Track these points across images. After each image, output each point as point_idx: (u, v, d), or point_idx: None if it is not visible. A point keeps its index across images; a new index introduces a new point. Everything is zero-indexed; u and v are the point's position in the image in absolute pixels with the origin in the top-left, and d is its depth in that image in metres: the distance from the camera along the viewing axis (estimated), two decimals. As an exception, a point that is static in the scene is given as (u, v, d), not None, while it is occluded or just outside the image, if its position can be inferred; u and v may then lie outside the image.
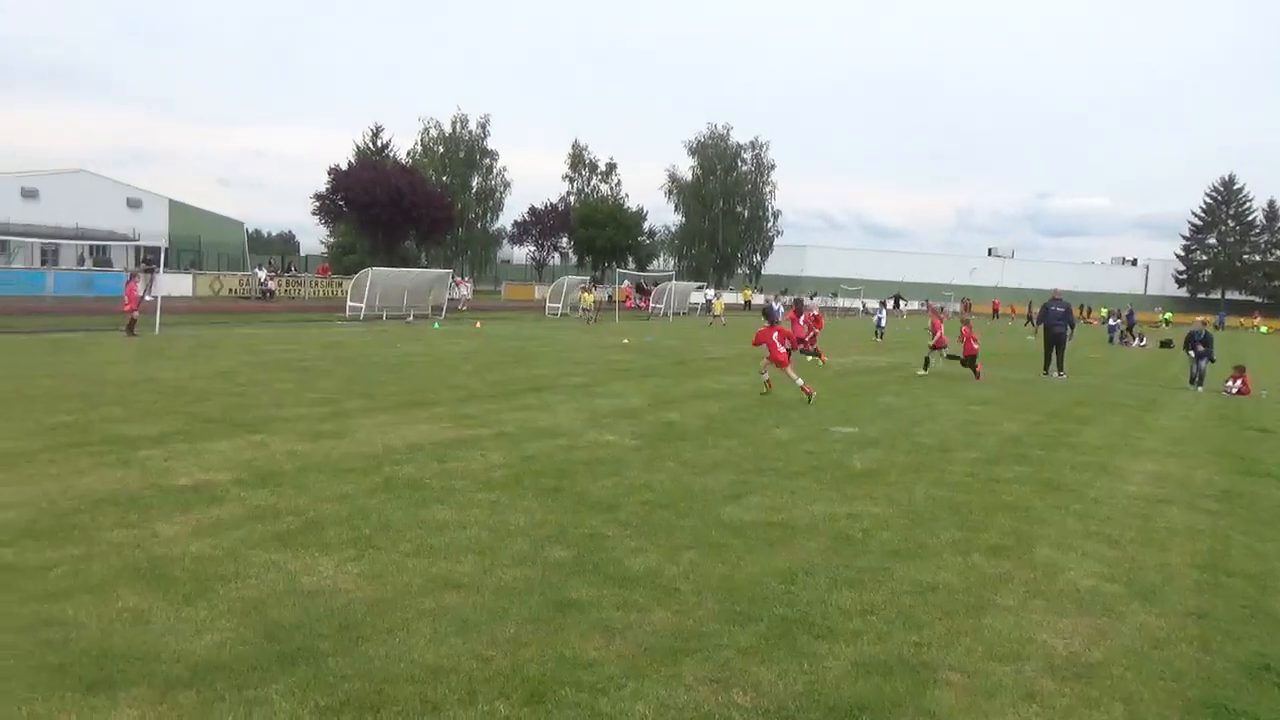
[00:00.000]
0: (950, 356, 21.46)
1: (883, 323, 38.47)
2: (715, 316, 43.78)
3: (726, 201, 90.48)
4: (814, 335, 23.86)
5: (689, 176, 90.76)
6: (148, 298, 24.43)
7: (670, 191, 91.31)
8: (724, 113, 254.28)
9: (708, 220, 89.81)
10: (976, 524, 7.58)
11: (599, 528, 6.89)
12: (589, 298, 42.52)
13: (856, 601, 5.57)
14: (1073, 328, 22.70)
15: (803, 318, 23.70)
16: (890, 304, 63.61)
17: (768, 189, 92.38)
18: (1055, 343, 22.43)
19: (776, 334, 15.30)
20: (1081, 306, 62.50)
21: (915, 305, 59.18)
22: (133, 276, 24.37)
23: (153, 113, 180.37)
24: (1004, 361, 26.57)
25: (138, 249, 46.62)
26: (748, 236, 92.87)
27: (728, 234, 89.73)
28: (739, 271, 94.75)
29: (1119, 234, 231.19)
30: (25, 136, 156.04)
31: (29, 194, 60.70)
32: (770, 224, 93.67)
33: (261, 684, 4.12)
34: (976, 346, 20.72)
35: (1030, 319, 59.18)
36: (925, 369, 21.00)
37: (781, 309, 26.83)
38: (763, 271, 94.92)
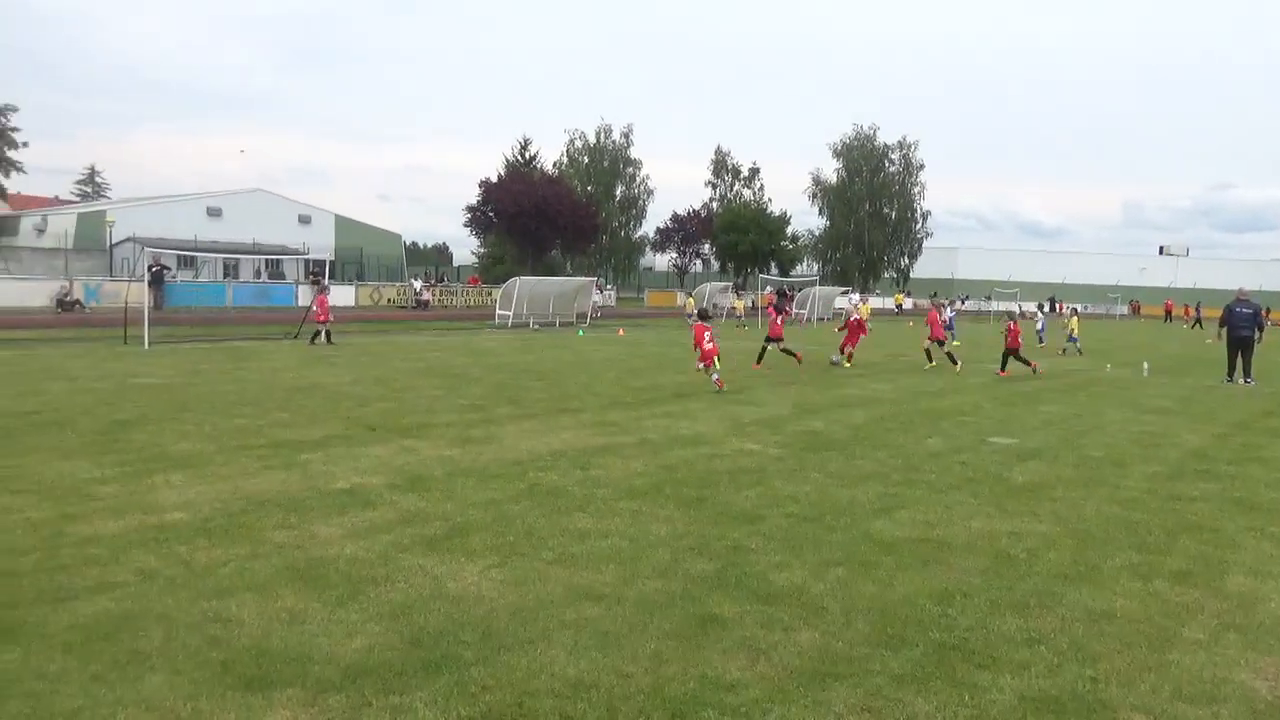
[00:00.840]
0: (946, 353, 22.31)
1: (1043, 327, 35.88)
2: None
3: (873, 203, 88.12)
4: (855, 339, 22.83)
5: (834, 179, 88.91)
6: (313, 309, 25.84)
7: (814, 195, 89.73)
8: (870, 113, 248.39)
9: (853, 223, 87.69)
10: (1157, 546, 6.93)
11: (742, 540, 6.70)
12: (741, 303, 42.93)
13: (1022, 629, 5.15)
14: (1261, 330, 20.73)
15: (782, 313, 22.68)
16: (1046, 307, 60.36)
17: (916, 190, 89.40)
18: (1241, 347, 20.55)
19: (707, 333, 16.09)
20: (1267, 310, 57.38)
21: (1080, 308, 55.92)
22: (323, 289, 25.78)
23: (320, 134, 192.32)
24: (1182, 368, 24.61)
25: (307, 262, 49.60)
26: (895, 239, 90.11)
27: (874, 237, 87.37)
28: (886, 275, 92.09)
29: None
30: (213, 161, 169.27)
31: (213, 213, 65.62)
32: (919, 225, 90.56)
33: (406, 690, 4.15)
34: (1019, 341, 21.19)
35: (1199, 321, 54.94)
36: (956, 365, 21.48)
37: (713, 308, 25.14)
38: (911, 275, 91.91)
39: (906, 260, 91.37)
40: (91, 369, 16.30)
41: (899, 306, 68.43)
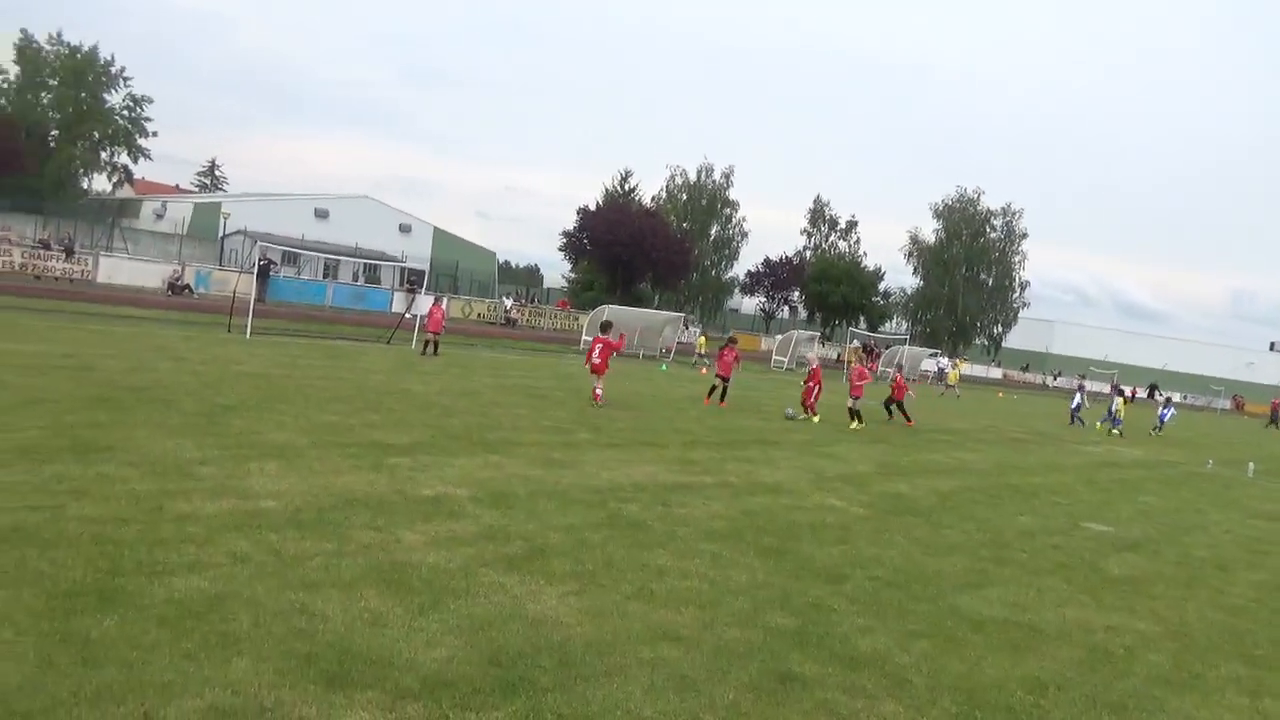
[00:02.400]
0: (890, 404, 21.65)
1: (1166, 418, 33.00)
2: (949, 386, 41.69)
3: (970, 268, 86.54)
4: (816, 391, 20.81)
5: (932, 239, 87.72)
6: (408, 315, 26.41)
7: (910, 253, 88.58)
8: (974, 175, 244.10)
9: (948, 285, 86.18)
10: (1266, 661, 6.52)
11: (824, 598, 6.53)
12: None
13: (1120, 730, 4.88)
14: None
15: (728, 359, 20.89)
16: (1145, 393, 57.87)
17: (1016, 258, 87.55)
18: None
19: (600, 345, 17.12)
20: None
21: (1178, 397, 53.16)
22: (438, 298, 25.68)
23: (429, 148, 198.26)
24: (1289, 472, 23.32)
25: (403, 270, 50.93)
26: (989, 305, 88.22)
27: (968, 301, 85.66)
28: (977, 342, 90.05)
29: None
30: (323, 164, 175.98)
31: (321, 214, 68.12)
32: (1016, 295, 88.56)
33: (483, 709, 4.13)
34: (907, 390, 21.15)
35: (1275, 420, 51.90)
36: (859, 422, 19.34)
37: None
38: (1003, 344, 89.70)
39: (1000, 329, 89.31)
40: (197, 352, 16.95)
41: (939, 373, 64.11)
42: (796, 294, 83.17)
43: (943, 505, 11.10)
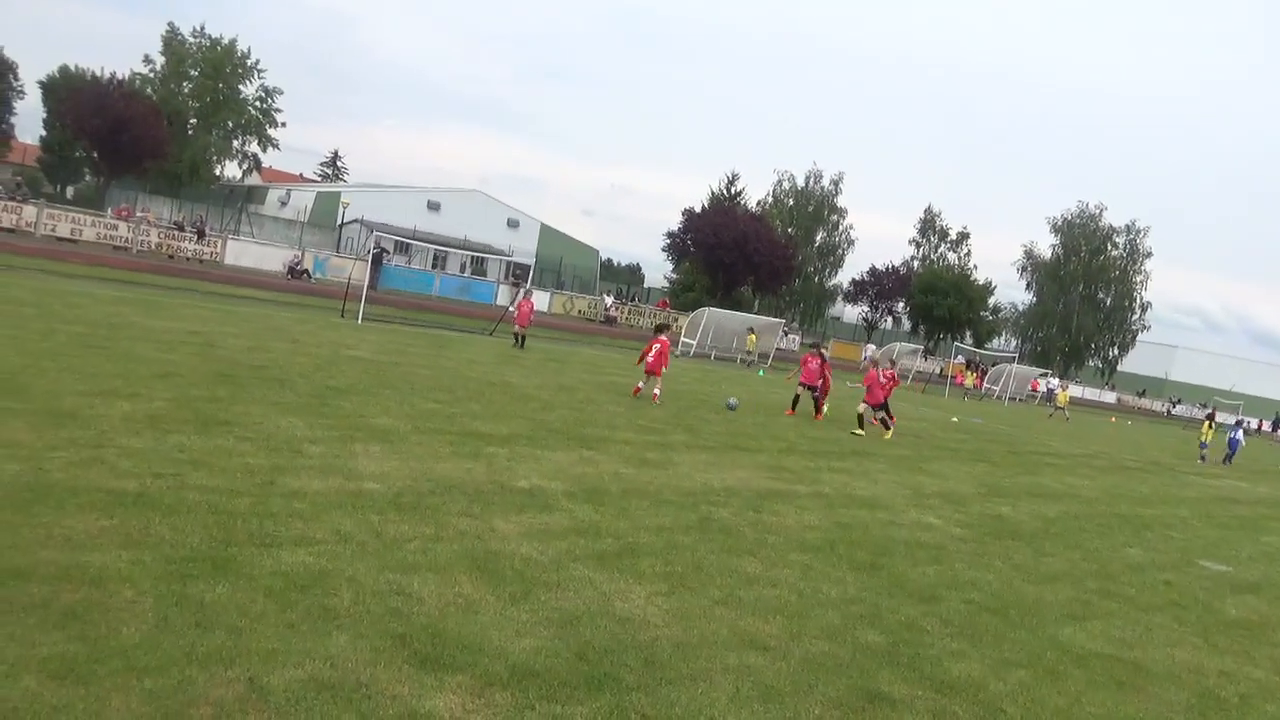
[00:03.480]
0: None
1: (1236, 447, 31.16)
2: (1058, 408, 40.10)
3: (1087, 286, 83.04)
4: (825, 386, 19.96)
5: (1048, 255, 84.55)
6: (511, 309, 26.92)
7: (1024, 268, 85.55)
8: (1095, 190, 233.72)
9: (1062, 304, 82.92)
10: (1400, 723, 6.04)
11: (916, 619, 6.36)
12: (971, 377, 42.57)
13: (1231, 783, 4.60)
14: None
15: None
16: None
17: (1138, 279, 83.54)
18: None
19: (657, 345, 16.80)
20: None
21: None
22: (527, 292, 26.44)
23: (539, 145, 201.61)
24: None
25: (509, 264, 51.92)
26: (1107, 326, 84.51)
27: (1083, 321, 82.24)
28: (1090, 364, 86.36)
29: None
30: (436, 156, 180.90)
31: (433, 206, 70.12)
32: (1136, 316, 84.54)
33: (569, 702, 4.17)
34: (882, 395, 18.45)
35: None
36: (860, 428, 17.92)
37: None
38: (1119, 367, 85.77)
39: (1116, 351, 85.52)
40: (312, 335, 17.65)
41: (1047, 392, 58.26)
42: (901, 304, 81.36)
43: (1046, 531, 10.68)
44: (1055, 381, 53.00)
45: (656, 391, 16.83)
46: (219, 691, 3.74)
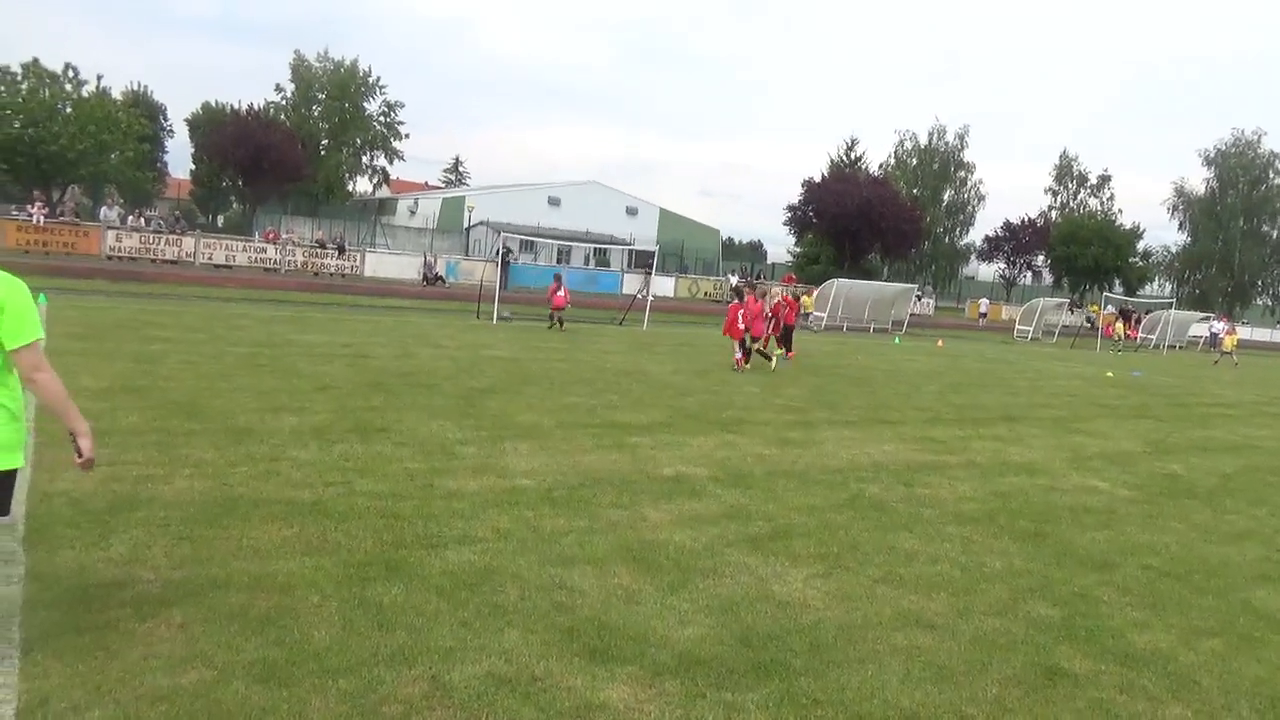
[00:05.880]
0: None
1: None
2: (1225, 353, 37.39)
3: (1249, 220, 76.96)
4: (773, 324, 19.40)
5: (1201, 190, 78.83)
6: (640, 296, 27.16)
7: (1175, 208, 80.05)
8: (1253, 117, 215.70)
9: (1222, 241, 77.17)
10: None
11: (1090, 589, 6.07)
12: (1121, 326, 40.44)
13: None
14: None
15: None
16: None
17: (1310, 206, 76.96)
18: None
19: (741, 310, 16.90)
20: None
21: None
22: (556, 276, 26.46)
23: (650, 129, 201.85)
24: None
25: (631, 252, 52.34)
26: (1274, 261, 78.19)
27: (1247, 258, 76.31)
28: (1258, 302, 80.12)
29: None
30: (552, 151, 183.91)
31: (553, 202, 71.42)
32: (1310, 247, 77.96)
33: (738, 689, 4.19)
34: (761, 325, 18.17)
35: None
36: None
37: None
38: (1291, 304, 79.26)
39: (1287, 287, 79.12)
40: (451, 339, 18.30)
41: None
42: (1040, 258, 77.52)
43: (1226, 487, 10.00)
44: (1220, 325, 49.37)
45: (778, 353, 16.70)
46: (406, 690, 3.93)
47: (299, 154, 61.50)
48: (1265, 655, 5.20)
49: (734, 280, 49.13)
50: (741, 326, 17.14)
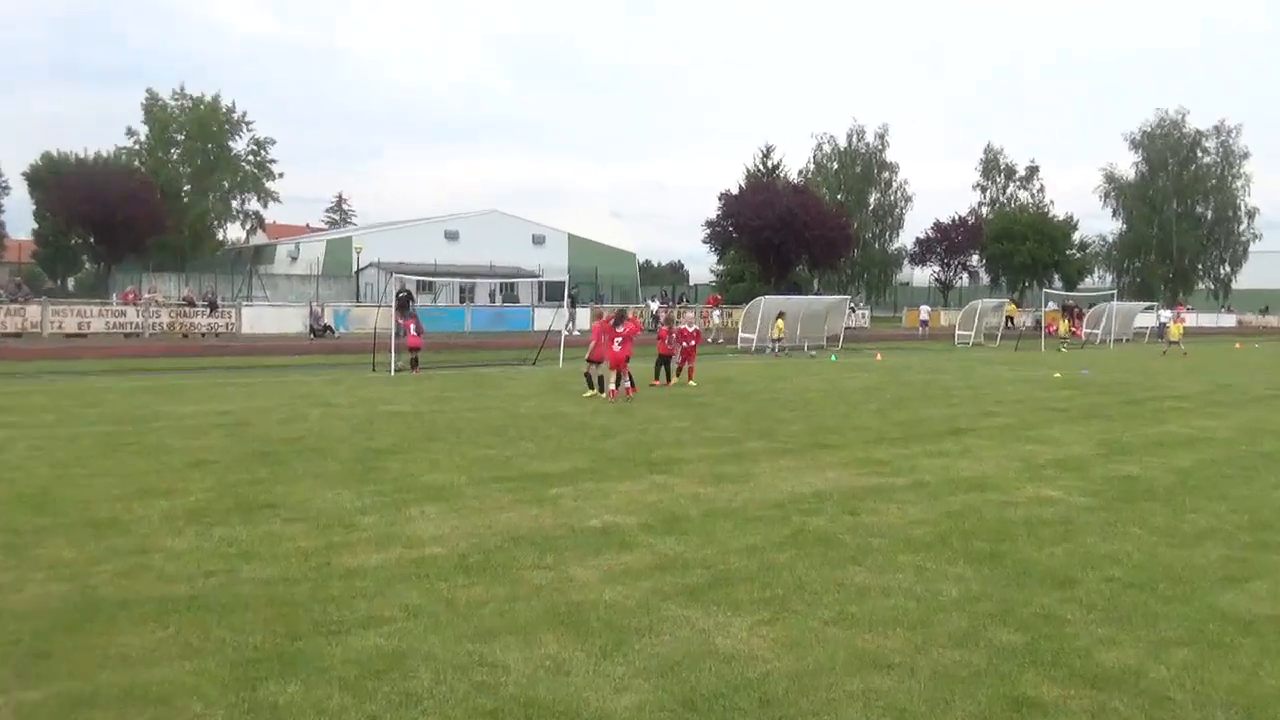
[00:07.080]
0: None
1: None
2: (1172, 343, 39.05)
3: (1181, 202, 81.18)
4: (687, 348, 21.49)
5: (1131, 175, 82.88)
6: (567, 331, 27.28)
7: (1106, 195, 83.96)
8: (1176, 96, 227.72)
9: (1156, 225, 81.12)
10: None
11: (1053, 608, 6.22)
12: (1065, 323, 42.73)
13: None
14: None
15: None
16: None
17: (1238, 184, 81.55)
18: None
19: (615, 337, 17.44)
20: None
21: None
22: (410, 315, 26.75)
23: (552, 152, 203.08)
24: None
25: (540, 284, 52.29)
26: (1211, 243, 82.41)
27: (1184, 241, 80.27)
28: (1201, 286, 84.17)
29: None
30: (447, 182, 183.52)
31: (451, 235, 71.15)
32: (1243, 226, 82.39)
33: (684, 759, 4.14)
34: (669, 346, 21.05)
35: None
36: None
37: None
38: (1233, 285, 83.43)
39: (1227, 268, 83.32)
40: (345, 396, 17.95)
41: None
42: (975, 258, 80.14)
43: (1184, 485, 10.39)
44: (1165, 314, 51.65)
45: (622, 387, 17.58)
46: (308, 801, 3.78)
47: (158, 203, 60.05)
48: (1237, 661, 5.38)
49: (653, 306, 49.47)
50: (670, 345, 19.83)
